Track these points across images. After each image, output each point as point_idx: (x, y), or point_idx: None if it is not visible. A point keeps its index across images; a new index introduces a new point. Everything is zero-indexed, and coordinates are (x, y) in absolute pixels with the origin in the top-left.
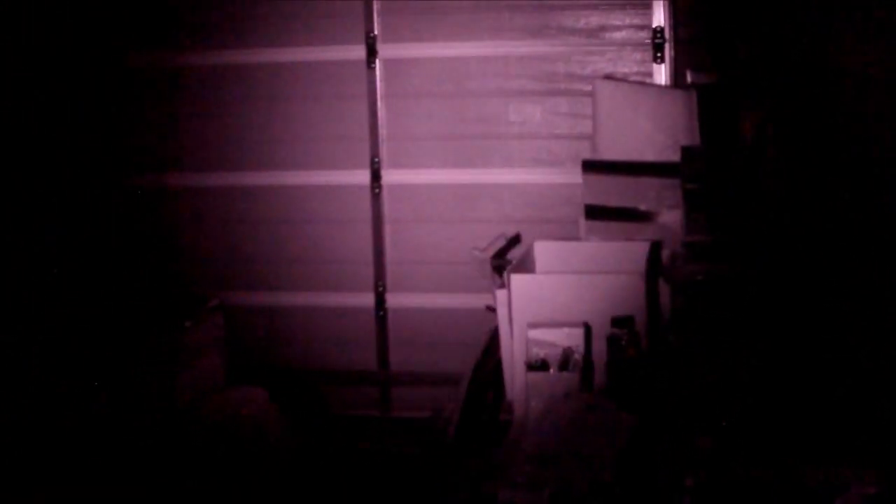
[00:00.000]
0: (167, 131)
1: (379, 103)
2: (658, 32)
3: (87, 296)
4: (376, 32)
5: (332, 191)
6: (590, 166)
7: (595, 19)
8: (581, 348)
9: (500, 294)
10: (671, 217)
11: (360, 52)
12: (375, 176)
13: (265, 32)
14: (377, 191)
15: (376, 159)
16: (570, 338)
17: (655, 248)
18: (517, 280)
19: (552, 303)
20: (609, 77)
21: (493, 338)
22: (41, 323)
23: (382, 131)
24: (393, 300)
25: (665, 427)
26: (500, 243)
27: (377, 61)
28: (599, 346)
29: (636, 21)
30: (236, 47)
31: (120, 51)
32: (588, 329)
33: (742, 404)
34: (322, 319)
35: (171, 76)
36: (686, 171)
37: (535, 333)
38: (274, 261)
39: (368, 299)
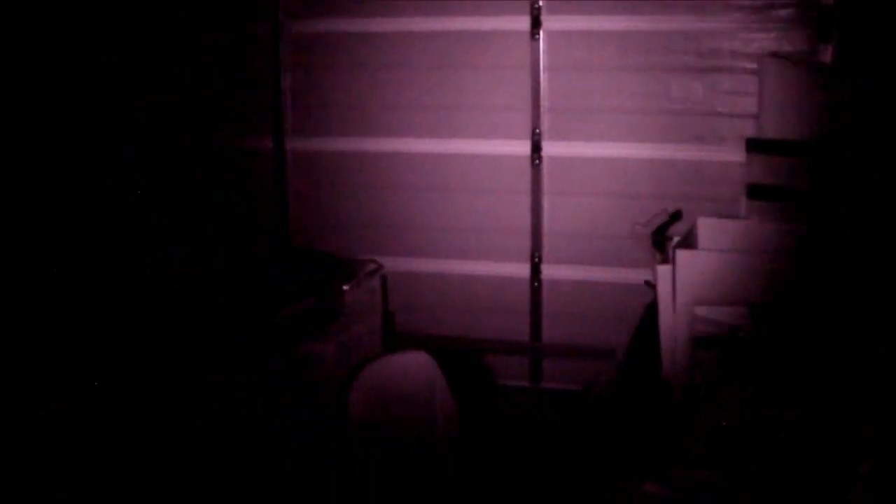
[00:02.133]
0: (329, 97)
1: (542, 74)
2: (826, 11)
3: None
4: (541, 4)
5: (491, 160)
6: (754, 145)
7: None
8: (747, 326)
9: (662, 270)
10: None
11: (524, 22)
12: (536, 147)
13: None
14: (537, 162)
15: (537, 130)
16: (736, 316)
17: None
18: (683, 256)
19: (716, 280)
20: (775, 55)
21: (650, 313)
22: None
23: (544, 103)
24: (548, 271)
25: (828, 414)
26: (662, 219)
27: (541, 32)
28: (764, 325)
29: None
30: (397, 15)
31: (277, 15)
32: (754, 307)
33: None
34: (477, 288)
35: (334, 42)
36: None
37: (701, 310)
38: (432, 228)
39: (524, 270)
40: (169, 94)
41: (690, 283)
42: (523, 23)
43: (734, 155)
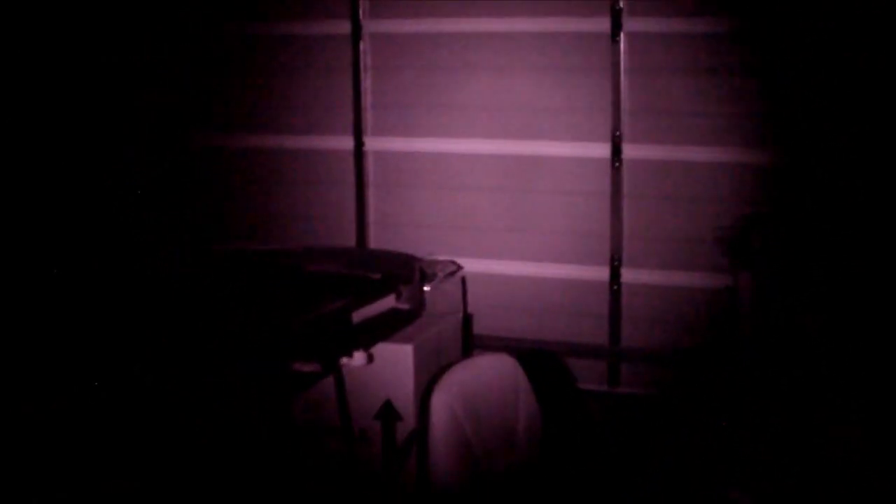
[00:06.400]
0: (406, 98)
1: (622, 77)
2: None
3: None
4: (622, 5)
5: (570, 162)
6: None
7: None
8: (830, 334)
9: (745, 276)
10: None
11: (604, 24)
12: (616, 150)
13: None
14: (617, 165)
15: (618, 133)
16: (819, 322)
17: None
18: (765, 262)
19: (800, 287)
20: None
21: (731, 319)
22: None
23: (625, 105)
24: (628, 275)
25: None
26: (743, 224)
27: (622, 35)
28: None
29: None
30: (473, 15)
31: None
32: (833, 315)
33: None
34: (554, 291)
35: (410, 42)
36: None
37: (784, 317)
38: (510, 229)
39: (604, 273)
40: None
41: (773, 289)
42: (604, 24)
43: (817, 160)
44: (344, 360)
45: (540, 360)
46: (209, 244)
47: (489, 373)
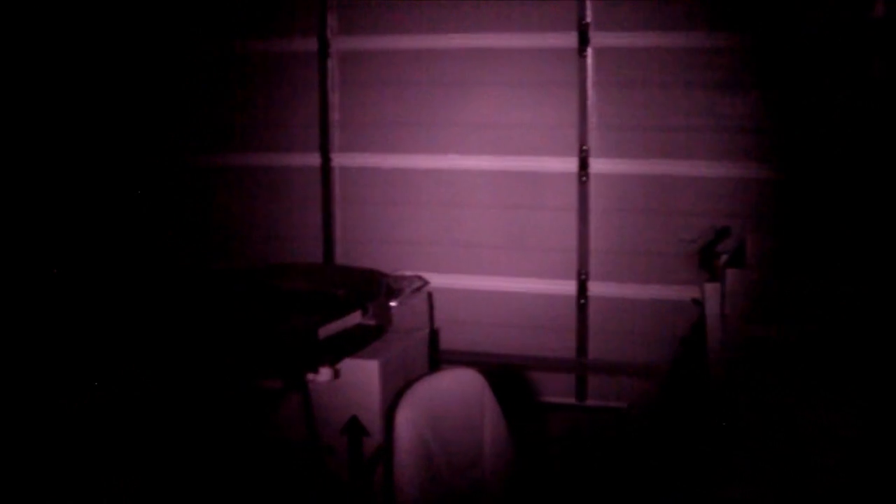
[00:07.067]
0: (374, 114)
1: (589, 91)
2: (875, 24)
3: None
4: (589, 20)
5: (537, 177)
6: None
7: (812, 12)
8: (798, 343)
9: (710, 287)
10: None
11: (572, 39)
12: (583, 164)
13: (474, 17)
14: (584, 179)
15: (584, 147)
16: (787, 333)
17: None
18: (733, 274)
19: (766, 298)
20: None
21: (696, 330)
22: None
23: (592, 119)
24: (595, 289)
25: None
26: (709, 236)
27: (589, 49)
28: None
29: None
30: (440, 32)
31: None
32: (805, 324)
33: None
34: (521, 305)
35: (376, 59)
36: None
37: (749, 328)
38: (478, 244)
39: (570, 287)
40: (214, 109)
41: (739, 301)
42: (571, 40)
43: (782, 172)
44: (310, 375)
45: (506, 374)
46: (177, 262)
47: (454, 388)
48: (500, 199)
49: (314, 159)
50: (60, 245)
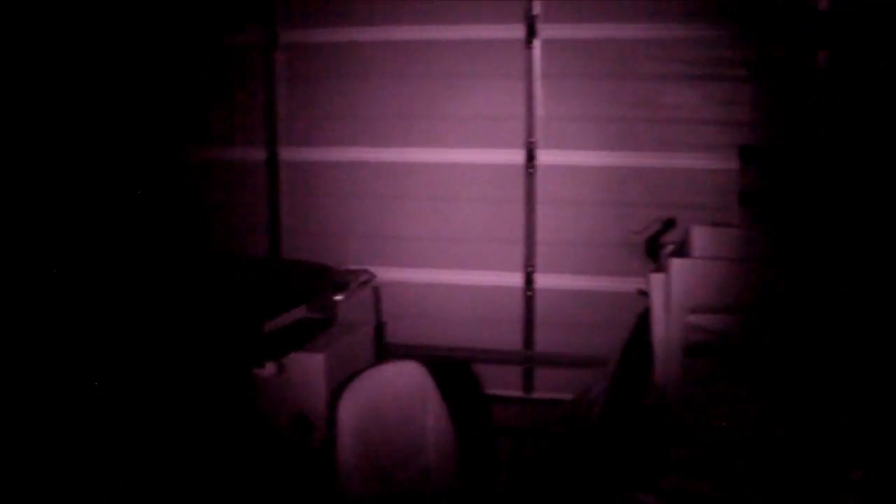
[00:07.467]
0: (321, 108)
1: (536, 83)
2: (819, 17)
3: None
4: (536, 12)
5: (485, 169)
6: (747, 152)
7: (753, 3)
8: (740, 334)
9: (656, 278)
10: None
11: (519, 31)
12: (530, 156)
13: (422, 9)
14: (531, 171)
15: (531, 139)
16: (729, 323)
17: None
18: (677, 264)
19: (710, 288)
20: (768, 62)
21: (643, 321)
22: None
23: (539, 111)
24: (542, 281)
25: (821, 422)
26: (655, 227)
27: (536, 41)
28: (758, 333)
29: (795, 5)
30: (390, 24)
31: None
32: (747, 315)
33: None
34: (469, 298)
35: (326, 52)
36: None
37: (694, 318)
38: (425, 237)
39: (518, 279)
40: (160, 101)
41: (684, 291)
42: (519, 31)
43: (728, 163)
44: (255, 370)
45: (454, 367)
46: (126, 256)
47: (397, 381)
48: (448, 191)
49: (260, 153)
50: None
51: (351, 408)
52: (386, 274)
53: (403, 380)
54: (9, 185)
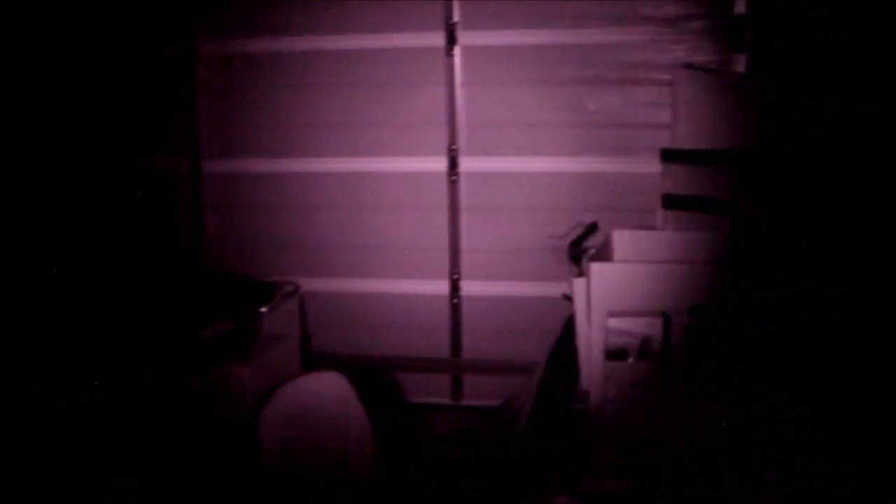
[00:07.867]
0: (244, 119)
1: (457, 90)
2: (739, 21)
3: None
4: (456, 19)
5: (408, 178)
6: (669, 155)
7: (673, 8)
8: (660, 337)
9: (578, 282)
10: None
11: (439, 39)
12: (453, 163)
13: (341, 19)
14: (454, 178)
15: (454, 147)
16: (649, 326)
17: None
18: (596, 268)
19: (631, 292)
20: (689, 66)
21: (568, 326)
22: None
23: (461, 118)
24: (467, 288)
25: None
26: (578, 231)
27: (456, 48)
28: (678, 335)
29: (715, 9)
30: (309, 34)
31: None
32: (667, 318)
33: None
34: (396, 306)
35: (248, 63)
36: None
37: (614, 322)
38: (350, 247)
39: (443, 287)
40: (84, 112)
41: (604, 295)
42: (438, 39)
43: (650, 166)
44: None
45: (381, 376)
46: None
47: (318, 391)
48: (372, 200)
49: (184, 165)
50: None
51: (272, 419)
52: (312, 284)
53: (325, 390)
54: None
